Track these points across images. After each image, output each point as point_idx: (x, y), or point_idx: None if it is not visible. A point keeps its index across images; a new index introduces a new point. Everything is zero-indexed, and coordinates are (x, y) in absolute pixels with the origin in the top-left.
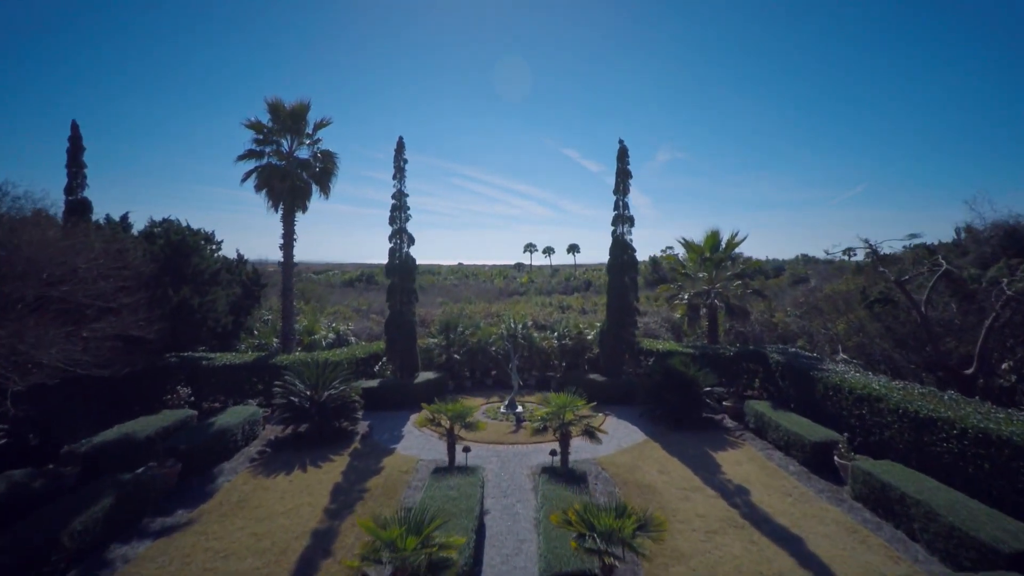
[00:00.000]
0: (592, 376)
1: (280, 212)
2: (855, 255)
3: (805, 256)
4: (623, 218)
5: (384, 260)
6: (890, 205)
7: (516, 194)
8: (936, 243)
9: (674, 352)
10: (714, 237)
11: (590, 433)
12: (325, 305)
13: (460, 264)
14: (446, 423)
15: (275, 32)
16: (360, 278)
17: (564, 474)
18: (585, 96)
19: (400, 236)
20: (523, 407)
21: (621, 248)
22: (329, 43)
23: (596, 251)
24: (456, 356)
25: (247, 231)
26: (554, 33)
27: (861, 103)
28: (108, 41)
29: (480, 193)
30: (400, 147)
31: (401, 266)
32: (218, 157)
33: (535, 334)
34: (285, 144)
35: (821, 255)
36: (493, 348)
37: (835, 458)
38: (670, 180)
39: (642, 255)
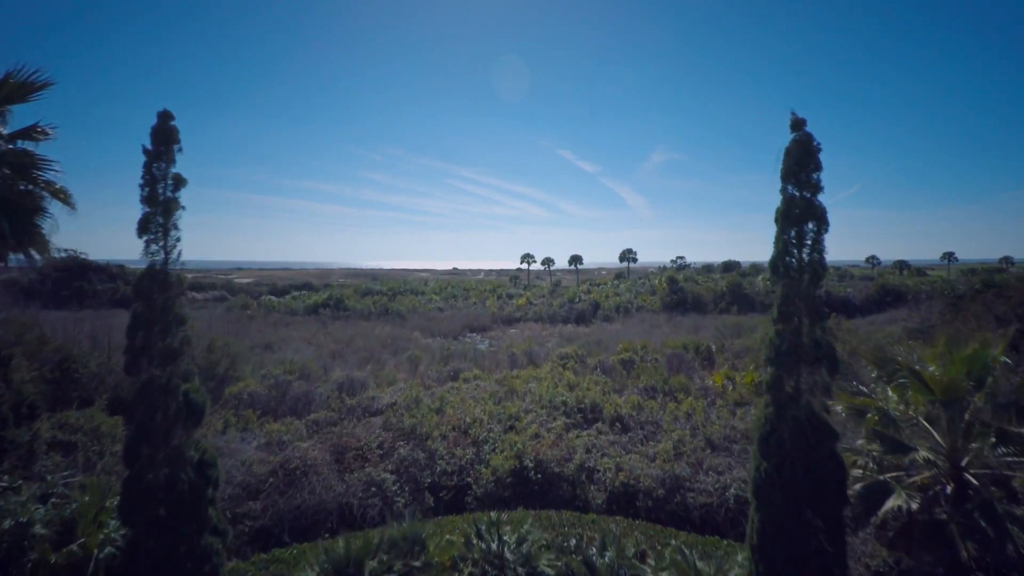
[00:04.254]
0: None
1: None
2: (878, 263)
3: (836, 270)
4: (808, 313)
5: (376, 263)
6: (884, 205)
7: (513, 195)
8: None
9: None
10: (979, 359)
11: None
12: (238, 373)
13: (455, 269)
14: None
15: (270, 32)
16: (328, 302)
17: None
18: (580, 96)
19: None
20: None
21: (808, 426)
22: (324, 42)
23: (594, 253)
24: None
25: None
26: (551, 33)
27: (856, 103)
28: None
29: (477, 194)
30: (164, 135)
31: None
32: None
33: None
34: None
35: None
36: None
37: None
38: (668, 181)
39: (645, 258)
